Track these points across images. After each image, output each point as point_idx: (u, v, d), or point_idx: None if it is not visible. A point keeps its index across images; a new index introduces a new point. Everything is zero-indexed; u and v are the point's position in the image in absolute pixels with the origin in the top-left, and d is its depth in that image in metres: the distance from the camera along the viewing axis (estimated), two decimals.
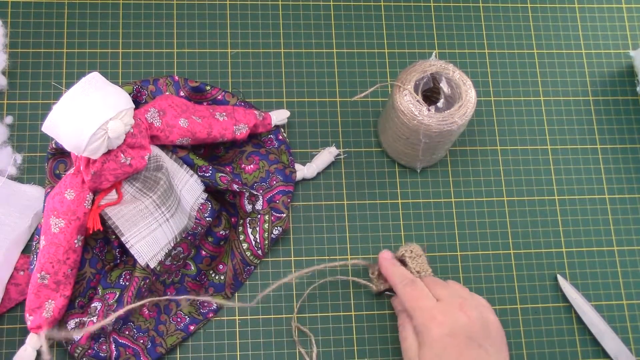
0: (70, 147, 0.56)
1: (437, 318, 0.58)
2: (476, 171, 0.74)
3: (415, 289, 0.61)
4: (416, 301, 0.61)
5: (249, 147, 0.70)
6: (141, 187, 0.63)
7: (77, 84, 0.56)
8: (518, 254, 0.72)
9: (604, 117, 0.77)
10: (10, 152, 0.69)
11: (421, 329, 0.59)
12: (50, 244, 0.60)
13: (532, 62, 0.78)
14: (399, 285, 0.63)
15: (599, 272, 0.72)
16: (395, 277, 0.64)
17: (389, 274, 0.65)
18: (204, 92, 0.69)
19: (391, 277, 0.64)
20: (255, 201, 0.68)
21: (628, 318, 0.71)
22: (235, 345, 0.67)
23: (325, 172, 0.72)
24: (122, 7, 0.75)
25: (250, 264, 0.68)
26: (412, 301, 0.61)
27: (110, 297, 0.63)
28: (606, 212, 0.74)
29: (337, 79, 0.75)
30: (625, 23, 0.81)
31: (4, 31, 0.72)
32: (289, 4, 0.77)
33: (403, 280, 0.63)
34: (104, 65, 0.73)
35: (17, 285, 0.65)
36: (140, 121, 0.60)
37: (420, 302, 0.60)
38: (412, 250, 0.67)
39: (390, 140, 0.70)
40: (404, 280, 0.63)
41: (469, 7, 0.80)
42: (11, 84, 0.72)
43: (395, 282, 0.64)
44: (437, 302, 0.60)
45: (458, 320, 0.58)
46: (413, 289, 0.62)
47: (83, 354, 0.62)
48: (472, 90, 0.65)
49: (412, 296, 0.61)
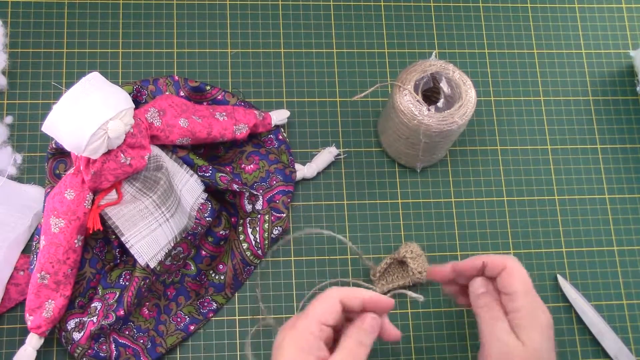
0: (70, 147, 0.56)
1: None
2: (476, 171, 0.74)
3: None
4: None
5: (249, 147, 0.70)
6: (141, 187, 0.63)
7: (77, 84, 0.56)
8: (518, 254, 0.72)
9: (604, 117, 0.77)
10: (10, 152, 0.69)
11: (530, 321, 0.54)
12: (50, 244, 0.60)
13: (532, 62, 0.78)
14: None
15: (599, 272, 0.72)
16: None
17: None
18: (204, 92, 0.69)
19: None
20: (255, 201, 0.68)
21: (628, 318, 0.71)
22: (235, 345, 0.67)
23: (325, 172, 0.72)
24: (122, 7, 0.75)
25: (250, 263, 0.68)
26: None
27: (110, 297, 0.63)
28: (606, 212, 0.74)
29: (337, 79, 0.75)
30: (625, 23, 0.81)
31: (4, 31, 0.72)
32: (289, 4, 0.77)
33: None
34: (104, 65, 0.73)
35: (17, 285, 0.65)
36: (140, 121, 0.60)
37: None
38: (413, 250, 0.67)
39: (390, 140, 0.70)
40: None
41: (469, 7, 0.80)
42: (11, 84, 0.72)
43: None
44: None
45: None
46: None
47: (83, 354, 0.62)
48: (472, 90, 0.65)
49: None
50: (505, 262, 0.57)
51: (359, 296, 0.53)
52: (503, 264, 0.56)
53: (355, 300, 0.52)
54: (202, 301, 0.67)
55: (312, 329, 0.50)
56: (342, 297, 0.52)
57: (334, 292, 0.52)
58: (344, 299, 0.52)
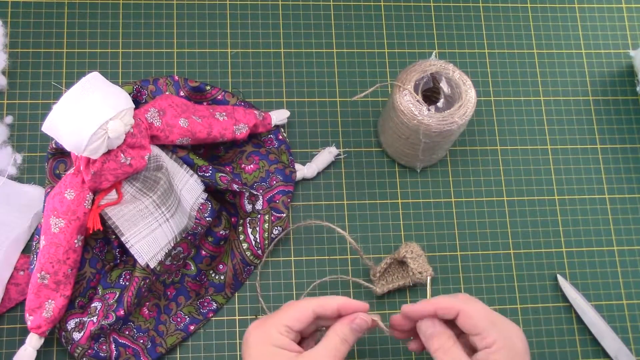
0: (70, 147, 0.56)
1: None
2: (476, 171, 0.74)
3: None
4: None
5: (249, 147, 0.70)
6: (141, 187, 0.63)
7: (77, 84, 0.56)
8: (518, 254, 0.72)
9: (604, 117, 0.77)
10: (10, 152, 0.69)
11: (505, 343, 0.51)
12: (50, 243, 0.60)
13: (532, 62, 0.78)
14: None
15: (599, 272, 0.72)
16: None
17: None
18: (204, 92, 0.69)
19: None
20: (255, 201, 0.68)
21: (628, 318, 0.71)
22: (235, 345, 0.67)
23: (325, 172, 0.72)
24: (122, 7, 0.75)
25: (250, 263, 0.68)
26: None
27: (110, 297, 0.63)
28: (606, 212, 0.74)
29: (337, 79, 0.75)
30: (625, 23, 0.81)
31: (4, 31, 0.72)
32: (289, 4, 0.77)
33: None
34: (104, 65, 0.73)
35: (17, 285, 0.65)
36: (140, 121, 0.60)
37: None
38: (413, 250, 0.67)
39: (390, 140, 0.70)
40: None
41: (469, 7, 0.80)
42: (11, 84, 0.72)
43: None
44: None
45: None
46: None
47: (83, 354, 0.62)
48: (472, 90, 0.65)
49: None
50: (458, 307, 0.53)
51: (332, 303, 0.54)
52: (455, 308, 0.53)
53: (329, 307, 0.54)
54: (202, 301, 0.67)
55: (278, 328, 0.52)
56: (315, 306, 0.54)
57: (308, 301, 0.54)
58: (317, 309, 0.54)
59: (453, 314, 0.53)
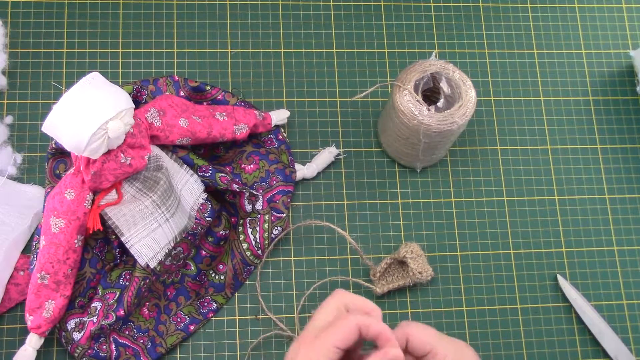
0: (70, 147, 0.56)
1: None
2: (476, 171, 0.74)
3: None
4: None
5: (249, 147, 0.70)
6: (141, 187, 0.63)
7: (77, 84, 0.56)
8: (518, 254, 0.72)
9: (604, 117, 0.77)
10: (10, 152, 0.69)
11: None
12: (50, 243, 0.60)
13: (532, 62, 0.78)
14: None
15: (599, 272, 0.72)
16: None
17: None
18: (204, 92, 0.69)
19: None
20: (255, 201, 0.68)
21: (628, 318, 0.71)
22: (235, 345, 0.67)
23: (325, 172, 0.72)
24: (122, 7, 0.75)
25: (250, 263, 0.68)
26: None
27: (110, 297, 0.63)
28: (606, 212, 0.74)
29: (337, 79, 0.75)
30: (625, 23, 0.81)
31: (4, 31, 0.72)
32: (289, 4, 0.77)
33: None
34: (104, 65, 0.73)
35: (17, 285, 0.65)
36: (140, 121, 0.60)
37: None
38: (413, 250, 0.67)
39: (390, 140, 0.70)
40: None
41: (469, 7, 0.80)
42: (11, 84, 0.72)
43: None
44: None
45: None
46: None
47: (83, 354, 0.62)
48: (472, 90, 0.65)
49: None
50: (405, 332, 0.52)
51: (376, 329, 0.51)
52: (403, 334, 0.52)
53: (371, 333, 0.52)
54: (202, 301, 0.67)
55: (329, 353, 0.51)
56: (361, 324, 0.52)
57: (353, 318, 0.51)
58: (362, 327, 0.52)
59: (403, 343, 0.52)
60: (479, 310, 0.70)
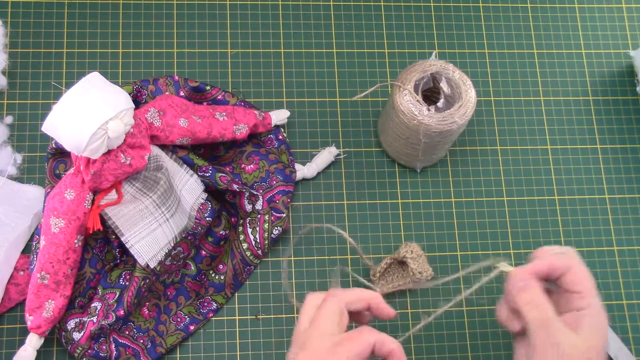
0: (70, 147, 0.56)
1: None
2: (476, 171, 0.74)
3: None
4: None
5: (249, 147, 0.70)
6: (141, 187, 0.63)
7: (77, 84, 0.56)
8: (518, 254, 0.72)
9: (604, 117, 0.77)
10: (10, 152, 0.69)
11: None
12: (50, 244, 0.60)
13: (532, 62, 0.78)
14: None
15: (599, 272, 0.72)
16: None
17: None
18: (204, 92, 0.69)
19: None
20: (255, 201, 0.68)
21: (628, 318, 0.71)
22: (235, 345, 0.67)
23: (325, 172, 0.72)
24: (122, 7, 0.75)
25: (250, 263, 0.68)
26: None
27: (110, 297, 0.63)
28: (606, 212, 0.74)
29: (337, 79, 0.75)
30: (625, 23, 0.81)
31: (4, 31, 0.72)
32: (289, 4, 0.77)
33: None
34: (104, 65, 0.73)
35: (17, 285, 0.65)
36: (140, 121, 0.60)
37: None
38: (413, 250, 0.67)
39: (390, 140, 0.70)
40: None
41: (469, 7, 0.80)
42: (11, 84, 0.72)
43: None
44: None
45: None
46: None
47: (83, 354, 0.62)
48: (472, 90, 0.65)
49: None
50: (570, 264, 0.50)
51: (390, 347, 0.51)
52: (567, 265, 0.50)
53: (384, 350, 0.51)
54: (202, 301, 0.67)
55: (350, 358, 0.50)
56: (377, 341, 0.51)
57: (370, 336, 0.50)
58: (377, 344, 0.51)
59: (564, 271, 0.50)
60: (479, 310, 0.70)
